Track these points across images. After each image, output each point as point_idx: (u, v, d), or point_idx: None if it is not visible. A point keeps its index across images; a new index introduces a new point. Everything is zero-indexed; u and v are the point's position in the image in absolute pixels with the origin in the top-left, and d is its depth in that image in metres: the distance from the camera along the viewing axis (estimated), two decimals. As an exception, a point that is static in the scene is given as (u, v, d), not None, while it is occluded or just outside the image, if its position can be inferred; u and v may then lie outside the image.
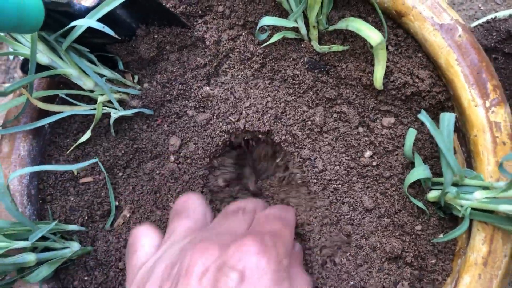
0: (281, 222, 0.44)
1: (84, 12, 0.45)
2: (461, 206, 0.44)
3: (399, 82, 0.48)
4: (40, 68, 0.47)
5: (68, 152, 0.54)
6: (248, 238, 0.37)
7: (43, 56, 0.46)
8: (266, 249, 0.37)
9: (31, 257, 0.45)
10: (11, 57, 1.00)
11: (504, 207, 0.39)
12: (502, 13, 0.80)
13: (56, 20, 0.43)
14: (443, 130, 0.44)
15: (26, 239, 0.46)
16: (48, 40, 0.46)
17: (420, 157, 0.48)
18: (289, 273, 0.39)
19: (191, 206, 0.46)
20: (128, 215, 0.55)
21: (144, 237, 0.44)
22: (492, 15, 0.81)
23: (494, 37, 0.80)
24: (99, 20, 0.44)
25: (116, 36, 0.43)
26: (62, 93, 0.50)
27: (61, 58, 0.47)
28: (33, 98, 0.47)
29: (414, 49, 0.49)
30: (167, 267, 0.39)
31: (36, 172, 0.53)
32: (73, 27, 0.44)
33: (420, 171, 0.46)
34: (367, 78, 0.50)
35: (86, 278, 0.53)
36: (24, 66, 0.48)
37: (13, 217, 0.43)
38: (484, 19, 0.81)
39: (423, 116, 0.44)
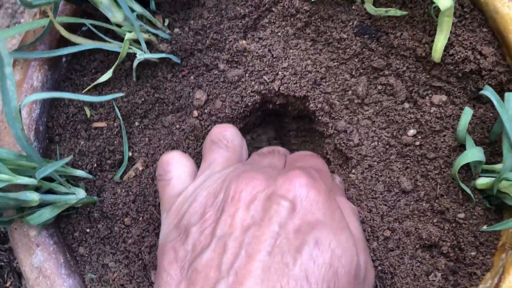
0: (316, 158, 0.44)
1: None
2: (519, 195, 0.40)
3: (458, 56, 0.44)
4: (68, -11, 0.42)
5: (84, 91, 0.49)
6: (296, 170, 0.36)
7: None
8: (314, 181, 0.36)
9: (34, 196, 0.40)
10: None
11: None
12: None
13: None
14: (509, 110, 0.40)
15: (30, 177, 0.41)
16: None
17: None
18: (337, 203, 0.38)
19: (229, 137, 0.44)
20: (140, 169, 0.50)
21: (178, 165, 0.42)
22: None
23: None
24: None
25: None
26: (88, 22, 0.44)
27: (92, -20, 0.42)
28: (57, 23, 0.42)
29: (480, 23, 0.45)
30: (210, 195, 0.37)
31: (46, 109, 0.47)
32: None
33: (475, 153, 0.42)
34: (423, 49, 0.46)
35: (88, 230, 0.48)
36: (51, -16, 0.42)
37: (21, 148, 0.38)
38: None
39: (489, 92, 0.40)
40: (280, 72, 0.50)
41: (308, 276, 0.31)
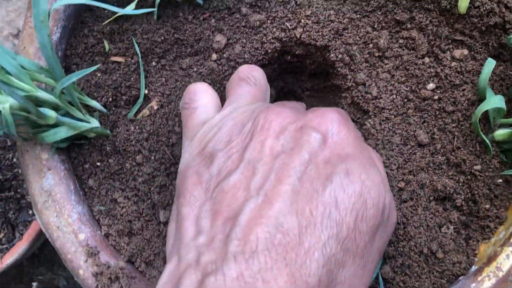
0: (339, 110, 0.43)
1: None
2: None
3: (484, 8, 0.45)
4: None
5: (104, 23, 0.48)
6: (327, 108, 0.36)
7: None
8: (346, 120, 0.36)
9: (52, 113, 0.39)
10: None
11: None
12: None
13: None
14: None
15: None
16: None
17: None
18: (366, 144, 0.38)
19: (257, 76, 0.43)
20: (155, 107, 0.49)
21: (205, 94, 0.42)
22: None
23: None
24: None
25: None
26: None
27: None
28: None
29: (507, -23, 0.45)
30: (237, 124, 0.36)
31: (66, 35, 0.47)
32: None
33: (496, 100, 0.42)
34: (448, 2, 0.46)
35: (98, 164, 0.47)
36: None
37: (44, 57, 0.38)
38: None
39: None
40: (302, 20, 0.49)
41: (338, 203, 0.31)
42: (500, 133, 0.43)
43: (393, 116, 0.48)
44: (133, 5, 0.48)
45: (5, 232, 0.73)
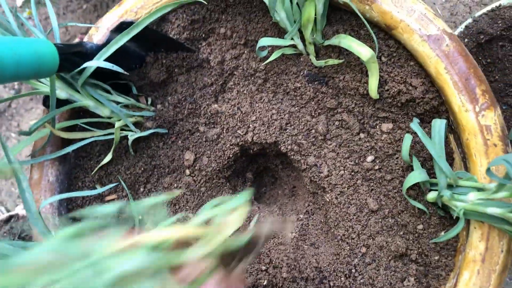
0: None
1: (96, 50, 0.49)
2: (456, 207, 0.46)
3: (393, 90, 0.51)
4: (60, 102, 0.52)
5: (92, 173, 0.59)
6: None
7: (62, 92, 0.51)
8: None
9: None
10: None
11: (492, 210, 0.42)
12: (507, 1, 0.81)
13: (70, 60, 0.47)
14: (435, 137, 0.47)
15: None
16: (65, 77, 0.50)
17: (419, 160, 0.51)
18: None
19: None
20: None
21: None
22: (497, 3, 0.81)
23: (500, 25, 0.80)
24: (110, 55, 0.49)
25: (125, 72, 0.47)
26: (81, 122, 0.54)
27: (78, 91, 0.52)
28: (56, 130, 0.52)
29: (406, 58, 0.51)
30: None
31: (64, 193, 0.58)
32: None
33: (417, 175, 0.48)
34: (364, 88, 0.53)
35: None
36: (46, 101, 0.52)
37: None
38: (488, 8, 0.82)
39: (414, 125, 0.47)
40: (251, 125, 0.58)
41: None
42: (431, 197, 0.50)
43: (345, 189, 0.55)
44: (110, 154, 0.58)
45: None
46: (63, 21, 1.09)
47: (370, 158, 0.55)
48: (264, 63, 0.56)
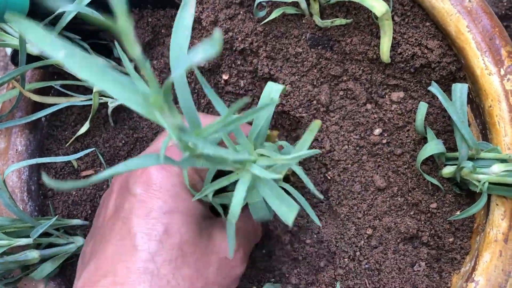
0: None
1: (73, -4, 0.43)
2: (478, 181, 0.41)
3: (407, 54, 0.46)
4: (32, 59, 0.45)
5: (67, 145, 0.53)
6: None
7: (33, 46, 0.44)
8: None
9: (34, 254, 0.44)
10: (8, 51, 0.98)
11: (524, 180, 0.37)
12: (512, -22, 0.77)
13: (43, 7, 0.41)
14: (456, 101, 0.42)
15: (29, 236, 0.45)
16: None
17: (433, 132, 0.46)
18: None
19: None
20: (132, 207, 0.53)
21: None
22: (502, -19, 0.77)
23: (505, 4, 0.77)
24: (89, 4, 0.42)
25: (107, 22, 0.41)
26: (56, 84, 0.48)
27: (52, 47, 0.45)
28: (26, 91, 0.46)
29: (422, 18, 0.46)
30: None
31: (35, 167, 0.51)
32: (62, 14, 0.42)
33: (433, 146, 0.44)
34: (373, 52, 0.47)
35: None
36: (15, 57, 0.46)
37: (13, 214, 0.42)
38: (493, -14, 0.78)
39: (434, 88, 0.42)
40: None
41: None
42: (447, 171, 0.45)
43: (349, 165, 0.50)
44: (87, 124, 0.51)
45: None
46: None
47: (377, 131, 0.49)
48: (262, 23, 0.50)
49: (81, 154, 0.44)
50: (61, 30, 0.43)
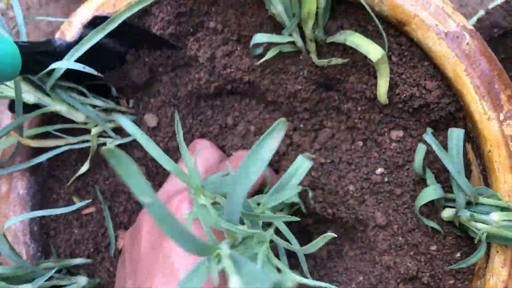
0: None
1: (66, 48, 0.43)
2: (478, 230, 0.41)
3: (405, 94, 0.45)
4: (29, 107, 0.46)
5: (68, 184, 0.53)
6: None
7: (30, 96, 0.45)
8: None
9: (35, 301, 0.45)
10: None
11: (522, 237, 0.36)
12: (522, -9, 0.75)
13: (37, 61, 0.41)
14: (452, 149, 0.41)
15: (32, 280, 0.45)
16: (33, 79, 0.44)
17: (432, 172, 0.45)
18: None
19: None
20: (134, 244, 0.53)
21: None
22: (511, -6, 0.75)
23: (514, 18, 0.75)
24: (83, 54, 0.42)
25: (98, 74, 0.41)
26: (53, 129, 0.48)
27: (48, 95, 0.46)
28: (25, 138, 0.46)
29: (420, 58, 0.45)
30: None
31: (37, 209, 0.52)
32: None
33: (431, 192, 0.43)
34: (371, 91, 0.47)
35: (96, 312, 0.53)
36: (12, 106, 0.46)
37: (14, 263, 0.43)
38: (502, -1, 0.76)
39: (429, 137, 0.41)
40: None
41: None
42: (446, 215, 0.44)
43: (350, 200, 0.50)
44: (87, 164, 0.52)
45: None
46: (45, 11, 1.03)
47: (379, 170, 0.49)
48: (259, 62, 0.49)
49: (79, 205, 0.45)
50: (57, 80, 0.43)
